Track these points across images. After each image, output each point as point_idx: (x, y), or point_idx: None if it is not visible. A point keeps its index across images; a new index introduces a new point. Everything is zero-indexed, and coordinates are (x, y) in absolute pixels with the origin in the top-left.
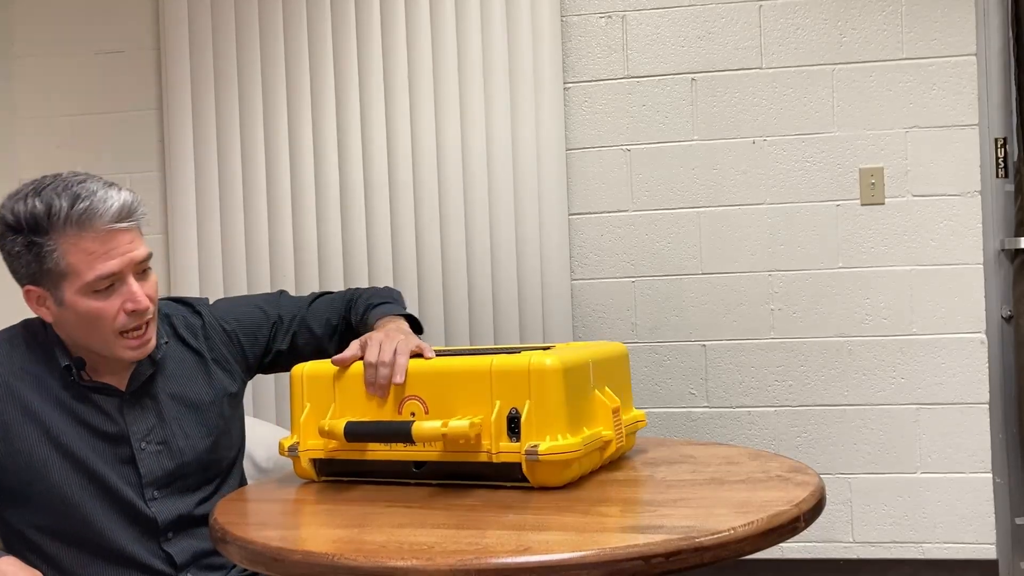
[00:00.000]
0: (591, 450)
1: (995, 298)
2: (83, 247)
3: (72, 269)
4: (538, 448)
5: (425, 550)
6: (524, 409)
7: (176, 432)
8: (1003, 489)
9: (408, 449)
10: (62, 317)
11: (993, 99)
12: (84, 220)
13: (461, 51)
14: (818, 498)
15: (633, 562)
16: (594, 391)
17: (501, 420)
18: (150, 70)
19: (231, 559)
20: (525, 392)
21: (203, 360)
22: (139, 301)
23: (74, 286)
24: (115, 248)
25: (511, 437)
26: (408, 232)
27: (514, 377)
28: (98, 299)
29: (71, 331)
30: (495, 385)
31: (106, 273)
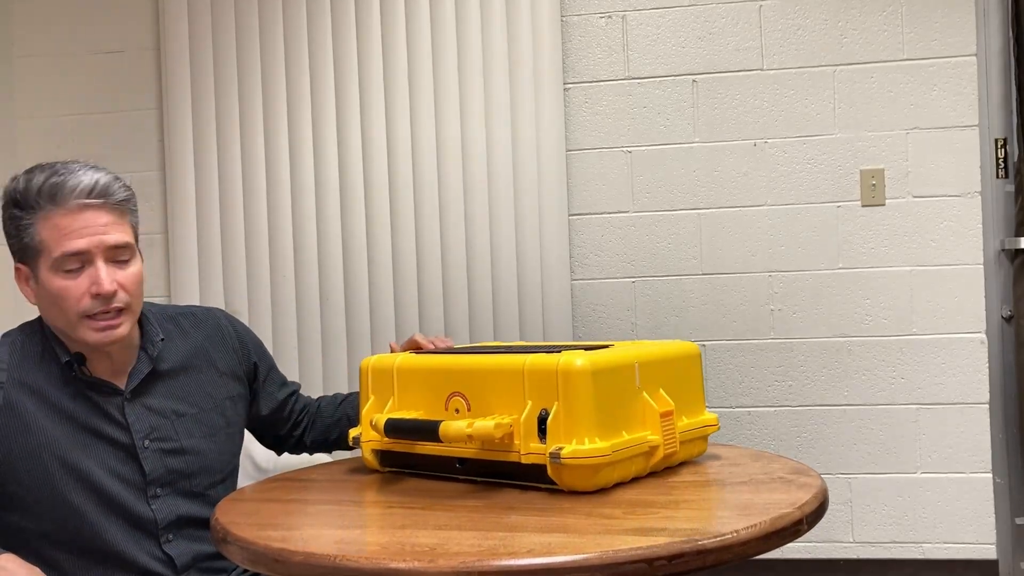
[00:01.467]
0: (629, 455)
1: (995, 298)
2: (54, 222)
3: (44, 245)
4: (561, 451)
5: (427, 552)
6: (553, 410)
7: (179, 431)
8: (1003, 489)
9: (451, 446)
10: (38, 296)
11: (993, 99)
12: (55, 194)
13: (461, 51)
14: (821, 500)
15: (636, 565)
16: (641, 393)
17: (531, 421)
18: (150, 70)
19: (232, 560)
20: (554, 393)
21: (207, 359)
22: (102, 285)
23: (46, 262)
24: (85, 227)
25: (540, 438)
26: (408, 232)
27: (544, 377)
28: (66, 278)
29: (44, 312)
30: (528, 384)
31: (72, 250)
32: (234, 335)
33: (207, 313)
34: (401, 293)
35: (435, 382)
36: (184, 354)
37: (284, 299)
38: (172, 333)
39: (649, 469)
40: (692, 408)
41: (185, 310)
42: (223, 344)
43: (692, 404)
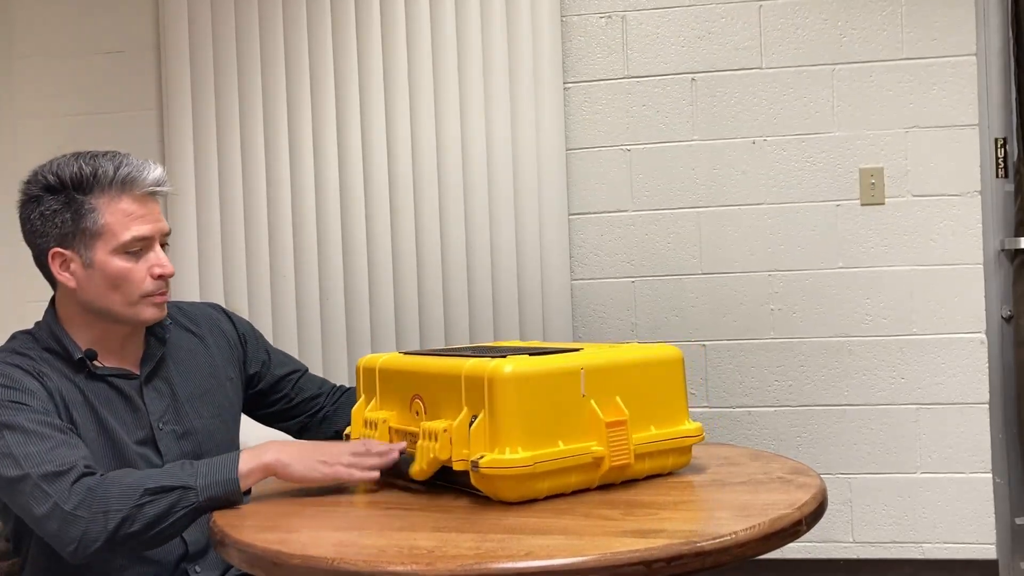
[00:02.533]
0: (563, 467)
1: (995, 298)
2: (122, 208)
3: (108, 229)
4: (481, 461)
5: (425, 554)
6: (479, 418)
7: (189, 412)
8: (1003, 489)
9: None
10: (87, 279)
11: (993, 99)
12: (127, 183)
13: (461, 51)
14: (820, 501)
15: (635, 567)
16: (588, 401)
17: (463, 427)
18: (150, 70)
19: (230, 562)
20: (484, 399)
21: (204, 343)
22: (166, 267)
23: (108, 246)
24: (150, 214)
25: None
26: (408, 231)
27: (476, 383)
28: (128, 260)
29: (94, 295)
30: (464, 390)
31: (141, 235)
32: (225, 320)
33: (195, 306)
34: (401, 293)
35: (403, 384)
36: (187, 338)
37: (284, 298)
38: (173, 319)
39: (599, 481)
40: (668, 417)
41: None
42: (216, 329)
43: (668, 413)
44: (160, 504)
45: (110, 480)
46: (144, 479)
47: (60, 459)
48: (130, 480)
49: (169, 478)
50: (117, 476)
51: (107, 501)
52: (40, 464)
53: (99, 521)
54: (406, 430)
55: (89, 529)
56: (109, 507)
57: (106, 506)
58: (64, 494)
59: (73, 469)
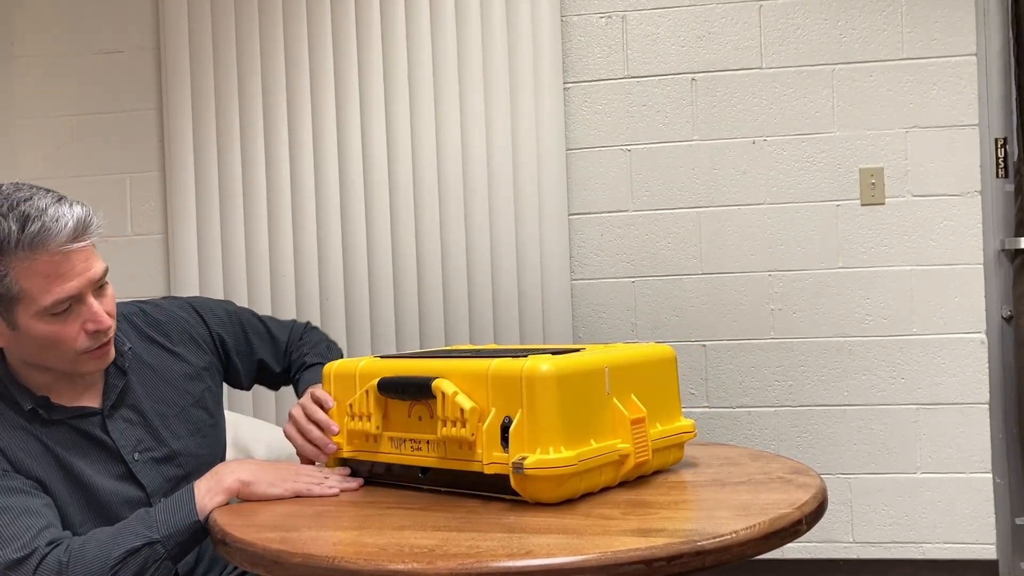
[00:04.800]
0: (598, 465)
1: (995, 298)
2: (37, 270)
3: (26, 294)
4: (525, 461)
5: (425, 553)
6: (516, 418)
7: (167, 436)
8: (1003, 489)
9: (415, 454)
10: (16, 341)
11: (993, 99)
12: (37, 243)
13: (461, 51)
14: (820, 500)
15: (635, 566)
16: (611, 399)
17: (495, 429)
18: (150, 70)
19: (231, 561)
20: (518, 400)
21: (175, 355)
22: (101, 321)
23: (29, 311)
24: (71, 269)
25: (503, 447)
26: (408, 232)
27: (508, 383)
28: (56, 322)
29: (27, 355)
30: (492, 390)
31: (64, 297)
32: (197, 322)
33: (160, 309)
34: (401, 293)
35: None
36: (152, 355)
37: (284, 298)
38: (134, 336)
39: (620, 479)
40: (666, 415)
41: (136, 308)
42: (187, 335)
43: (666, 410)
44: (132, 566)
45: (76, 554)
46: (110, 546)
47: (21, 537)
48: (97, 551)
49: (133, 538)
50: (82, 547)
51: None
52: (3, 546)
53: None
54: (407, 437)
55: None
56: None
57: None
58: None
59: (35, 552)
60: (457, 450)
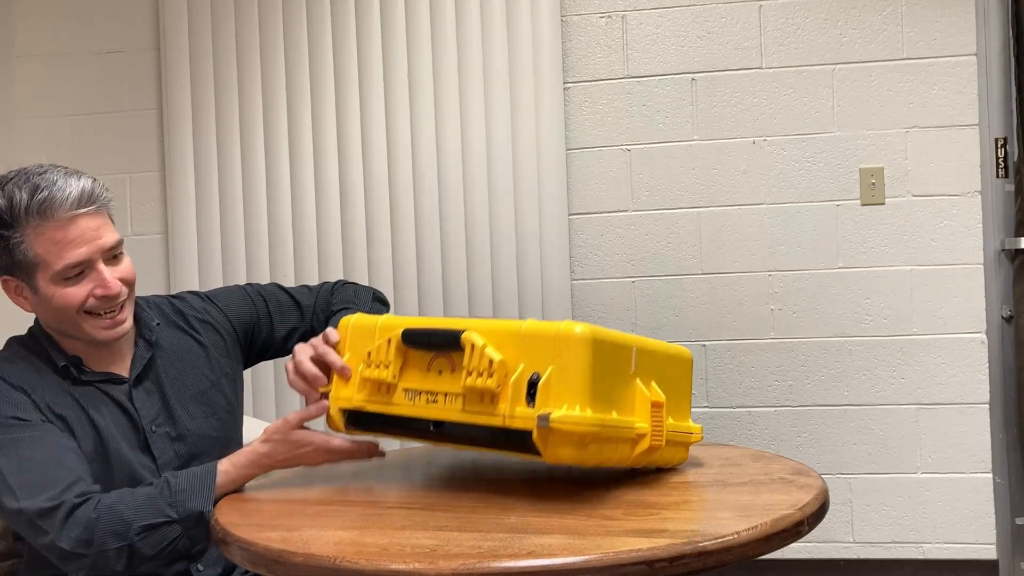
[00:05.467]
0: (617, 436)
1: (995, 298)
2: (48, 236)
3: (41, 259)
4: (551, 415)
5: (427, 553)
6: (546, 373)
7: (182, 415)
8: (1003, 489)
9: (429, 407)
10: (39, 305)
11: (993, 99)
12: (45, 209)
13: (461, 51)
14: (821, 501)
15: (637, 566)
16: (635, 380)
17: (521, 384)
18: (150, 70)
19: (232, 560)
20: (550, 357)
21: (198, 343)
22: (109, 287)
23: (46, 275)
24: (80, 236)
25: (528, 402)
26: (408, 232)
27: (542, 341)
28: (68, 285)
29: (48, 319)
30: (523, 347)
31: (74, 261)
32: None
33: (182, 301)
34: (401, 293)
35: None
36: (177, 338)
37: None
38: (163, 318)
39: (633, 459)
40: (679, 412)
41: (163, 299)
42: (205, 323)
43: (678, 409)
44: (152, 539)
45: (105, 513)
46: (135, 514)
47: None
48: (125, 515)
49: (154, 513)
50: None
51: (105, 538)
52: (33, 495)
53: (99, 558)
54: (424, 390)
55: (95, 563)
56: (107, 545)
57: (104, 544)
58: (58, 532)
59: (63, 504)
60: (478, 403)
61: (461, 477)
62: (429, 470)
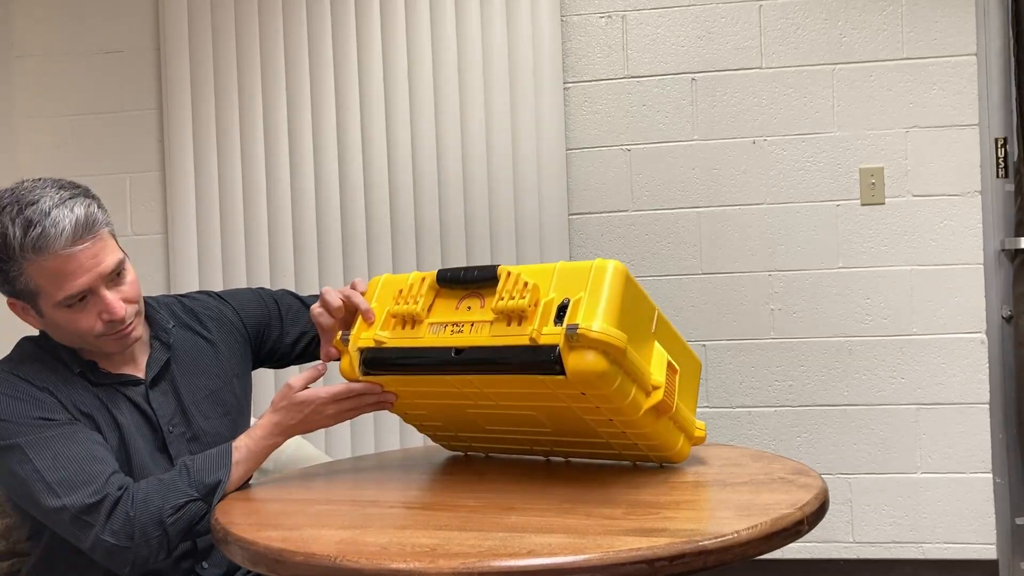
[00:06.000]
0: (635, 372)
1: (995, 298)
2: (46, 269)
3: (42, 289)
4: (579, 324)
5: (427, 552)
6: (576, 297)
7: (196, 415)
8: (1003, 489)
9: (453, 336)
10: (46, 325)
11: (993, 99)
12: (40, 247)
13: (461, 51)
14: (821, 501)
15: (637, 565)
16: (654, 340)
17: (551, 306)
18: (150, 70)
19: (232, 559)
20: (583, 286)
21: (209, 342)
22: (114, 312)
23: (48, 302)
24: (78, 267)
25: (557, 323)
26: (408, 231)
27: (576, 273)
28: (73, 312)
29: (59, 336)
30: (556, 280)
31: (74, 292)
32: (226, 308)
33: (194, 300)
34: None
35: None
36: (189, 339)
37: None
38: (175, 319)
39: (643, 410)
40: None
41: (174, 299)
42: (217, 322)
43: (687, 402)
44: (182, 520)
45: (140, 507)
46: (164, 499)
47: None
48: (157, 501)
49: (178, 494)
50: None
51: (145, 529)
52: (74, 491)
53: (143, 548)
54: (451, 321)
55: (138, 555)
56: (149, 535)
57: (146, 534)
58: (103, 526)
59: (107, 498)
60: (505, 326)
61: (461, 476)
62: (429, 469)
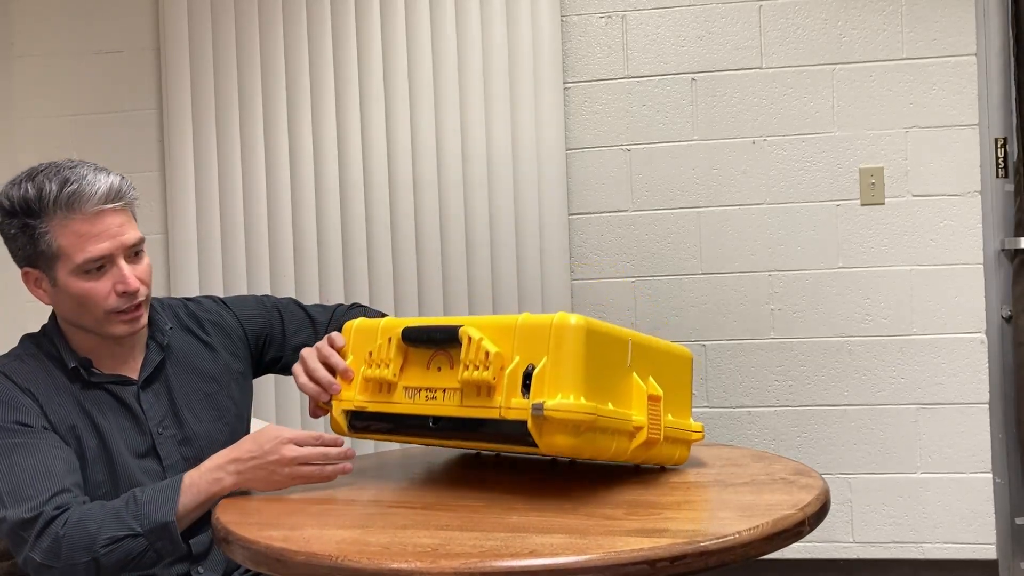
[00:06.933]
0: (613, 427)
1: (995, 298)
2: (73, 229)
3: (63, 251)
4: (544, 403)
5: (429, 552)
6: (540, 364)
7: (189, 418)
8: (1003, 489)
9: (428, 403)
10: (57, 298)
11: (993, 99)
12: (73, 202)
13: (461, 51)
14: (823, 502)
15: (638, 566)
16: (631, 372)
17: (516, 375)
18: (150, 70)
19: (233, 559)
20: (545, 347)
21: (208, 346)
22: (129, 283)
23: (66, 267)
24: (105, 231)
25: (524, 394)
26: (408, 232)
27: (536, 332)
28: (89, 280)
29: (66, 312)
30: (518, 340)
31: (96, 255)
32: (228, 315)
33: (198, 305)
34: (401, 293)
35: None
36: (188, 342)
37: None
38: (175, 324)
39: (630, 453)
40: (678, 410)
41: (179, 302)
42: (219, 328)
43: (678, 407)
44: (117, 553)
45: (71, 530)
46: (101, 528)
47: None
48: (91, 527)
49: (118, 526)
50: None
51: (72, 553)
52: (18, 504)
53: (70, 572)
54: (423, 387)
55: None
56: (75, 559)
57: (72, 558)
58: (32, 543)
59: (41, 516)
60: (475, 397)
61: (463, 476)
62: (430, 469)
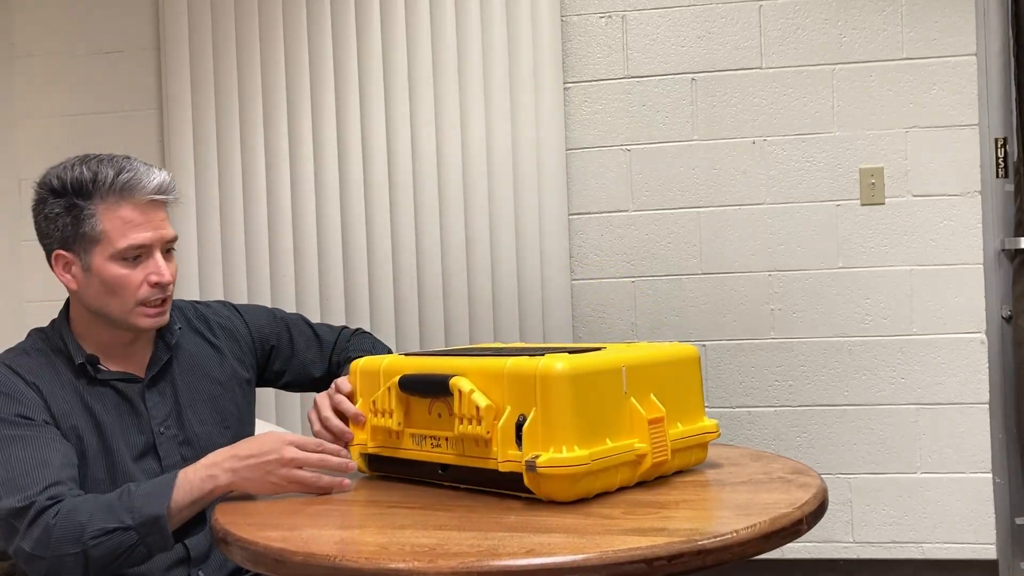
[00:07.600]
0: (613, 464)
1: (995, 298)
2: (121, 215)
3: (106, 235)
4: (537, 460)
5: (427, 552)
6: (530, 416)
7: (191, 419)
8: (1003, 489)
9: (434, 451)
10: (86, 283)
11: (993, 99)
12: (127, 189)
13: (461, 51)
14: (820, 500)
15: (636, 565)
16: (629, 399)
17: (509, 427)
18: (150, 70)
19: (232, 559)
20: (532, 398)
21: (216, 349)
22: (163, 275)
23: (105, 252)
24: (149, 221)
25: (518, 445)
26: (408, 232)
27: (523, 381)
28: (125, 267)
29: (92, 299)
30: (507, 389)
31: (139, 243)
32: (239, 321)
33: (209, 308)
34: (401, 293)
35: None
36: (196, 343)
37: (284, 299)
38: (184, 325)
39: (638, 478)
40: (689, 414)
41: (189, 304)
42: (228, 332)
43: (689, 410)
44: (107, 546)
45: (63, 520)
46: (91, 520)
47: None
48: (81, 519)
49: (109, 519)
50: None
51: (61, 544)
52: (10, 493)
53: (56, 563)
54: (428, 434)
55: (51, 569)
56: (64, 550)
57: (60, 549)
58: (23, 533)
59: (33, 506)
60: (474, 447)
61: None
62: None
